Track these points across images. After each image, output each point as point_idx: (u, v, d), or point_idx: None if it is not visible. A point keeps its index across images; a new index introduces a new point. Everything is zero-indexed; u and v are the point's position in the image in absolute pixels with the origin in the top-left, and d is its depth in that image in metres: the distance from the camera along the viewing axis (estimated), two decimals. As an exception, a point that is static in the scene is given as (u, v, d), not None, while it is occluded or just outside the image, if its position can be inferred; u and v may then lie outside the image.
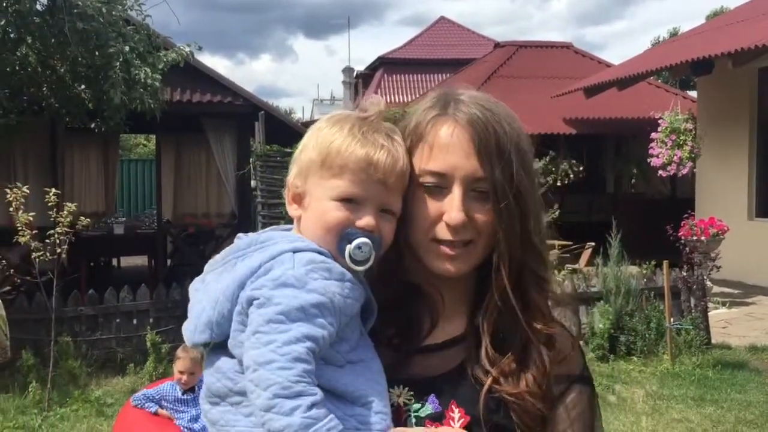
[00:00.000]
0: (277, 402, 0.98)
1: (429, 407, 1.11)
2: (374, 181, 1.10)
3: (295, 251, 1.08)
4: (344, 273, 1.08)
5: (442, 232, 1.11)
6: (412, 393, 1.13)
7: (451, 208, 1.10)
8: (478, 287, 1.18)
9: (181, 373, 4.42)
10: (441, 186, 1.12)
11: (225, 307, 1.07)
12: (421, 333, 1.18)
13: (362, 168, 1.10)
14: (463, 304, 1.20)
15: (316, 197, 1.13)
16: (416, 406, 1.12)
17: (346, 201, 1.11)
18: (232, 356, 1.08)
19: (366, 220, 1.10)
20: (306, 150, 1.16)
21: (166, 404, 4.46)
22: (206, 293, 1.12)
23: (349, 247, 1.09)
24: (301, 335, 1.01)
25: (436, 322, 1.18)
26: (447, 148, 1.12)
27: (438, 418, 1.10)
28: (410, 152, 1.15)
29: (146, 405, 4.46)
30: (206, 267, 1.19)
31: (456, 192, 1.11)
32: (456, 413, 1.10)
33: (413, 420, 1.11)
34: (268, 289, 1.04)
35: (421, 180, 1.13)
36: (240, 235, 1.19)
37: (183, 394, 4.46)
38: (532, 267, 1.14)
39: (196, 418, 4.36)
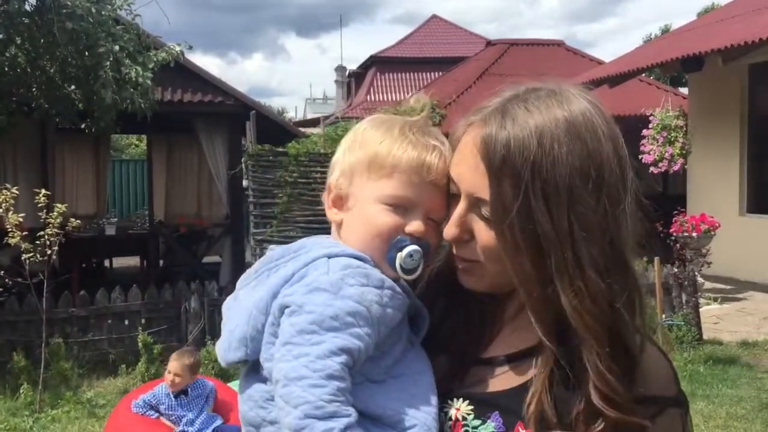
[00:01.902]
0: (308, 423, 0.91)
1: (491, 425, 1.01)
2: (426, 183, 1.05)
3: (330, 256, 1.03)
4: (384, 280, 1.02)
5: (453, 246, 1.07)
6: (472, 407, 1.03)
7: (450, 221, 1.04)
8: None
9: (170, 373, 4.44)
10: (456, 193, 1.05)
11: (259, 321, 1.01)
12: (482, 342, 1.08)
13: (415, 169, 1.04)
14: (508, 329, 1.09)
15: (362, 199, 1.07)
16: (476, 422, 1.02)
17: (396, 205, 1.05)
18: (263, 381, 1.02)
19: (416, 225, 1.04)
20: (351, 151, 1.10)
21: (163, 409, 4.46)
22: (239, 308, 1.06)
23: (399, 255, 1.03)
24: (336, 348, 0.94)
25: (498, 331, 1.08)
26: (461, 154, 1.03)
27: None
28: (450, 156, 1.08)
29: (147, 413, 4.47)
30: (238, 283, 1.13)
31: (460, 205, 1.02)
32: None
33: None
34: (300, 295, 0.98)
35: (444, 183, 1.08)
36: (272, 246, 1.13)
37: (176, 398, 4.46)
38: (583, 340, 0.95)
39: (192, 422, 4.36)
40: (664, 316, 7.04)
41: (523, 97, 1.01)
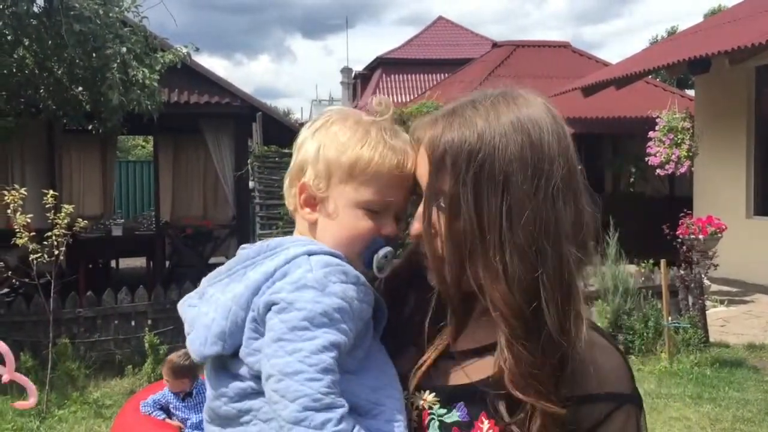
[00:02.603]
0: (308, 415, 0.95)
1: (455, 414, 1.05)
2: (400, 186, 1.10)
3: (310, 254, 1.05)
4: (359, 276, 1.07)
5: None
6: (438, 399, 1.08)
7: (415, 218, 1.08)
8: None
9: (165, 380, 4.46)
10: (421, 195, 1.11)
11: (239, 316, 1.04)
12: (450, 337, 1.10)
13: (394, 175, 1.09)
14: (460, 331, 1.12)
15: (342, 203, 1.10)
16: (441, 411, 1.07)
17: (375, 209, 1.10)
18: (236, 377, 1.05)
19: (391, 228, 1.11)
20: (325, 151, 1.11)
21: (172, 409, 4.47)
22: (214, 304, 1.07)
23: (376, 257, 1.09)
24: (328, 343, 0.98)
25: (463, 327, 1.10)
26: (419, 157, 1.09)
27: (466, 427, 1.04)
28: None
29: (155, 413, 4.47)
30: (204, 281, 1.15)
31: (422, 204, 1.06)
32: (486, 424, 1.03)
33: (437, 423, 1.06)
34: (288, 293, 1.01)
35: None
36: (243, 246, 1.15)
37: (183, 400, 4.48)
38: (499, 320, 1.00)
39: (196, 425, 4.36)
40: (670, 318, 7.03)
41: (474, 99, 1.07)
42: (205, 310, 1.09)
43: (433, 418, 1.07)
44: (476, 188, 0.98)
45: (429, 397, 1.08)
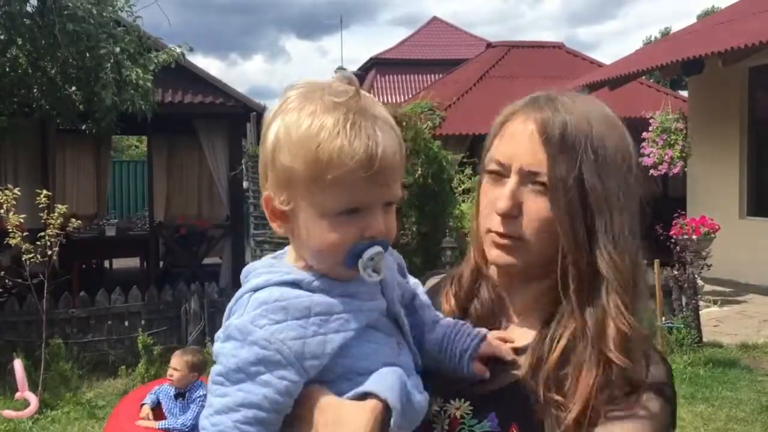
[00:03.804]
0: None
1: (487, 425, 1.05)
2: (378, 174, 0.92)
3: (255, 290, 0.96)
4: (311, 308, 0.93)
5: (495, 222, 1.08)
6: (472, 408, 1.07)
7: (501, 196, 1.06)
8: (556, 298, 1.06)
9: (174, 369, 4.45)
10: (502, 175, 1.08)
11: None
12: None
13: (363, 166, 0.90)
14: (536, 313, 1.11)
15: (309, 214, 0.94)
16: (473, 421, 1.06)
17: (348, 212, 0.93)
18: None
19: (375, 228, 0.94)
20: (279, 155, 0.93)
21: (163, 402, 4.48)
22: None
23: (361, 262, 0.94)
24: (234, 404, 0.90)
25: (500, 328, 1.13)
26: (512, 138, 1.09)
27: None
28: (490, 145, 1.13)
29: (148, 399, 4.51)
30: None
31: (511, 180, 1.07)
32: None
33: None
34: (219, 342, 0.95)
35: (488, 168, 1.11)
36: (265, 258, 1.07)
37: (175, 399, 4.47)
38: (610, 285, 1.02)
39: (184, 424, 4.35)
40: (664, 318, 7.04)
41: (560, 93, 1.12)
42: None
43: (463, 428, 1.07)
44: (599, 171, 1.04)
45: (462, 405, 1.08)
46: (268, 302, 0.93)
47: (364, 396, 0.93)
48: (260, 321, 0.92)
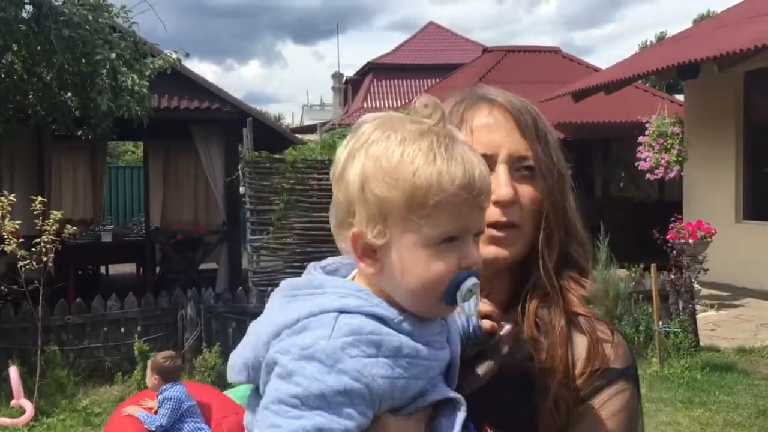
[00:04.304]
0: None
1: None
2: (475, 206, 0.90)
3: (341, 312, 0.88)
4: (401, 348, 0.88)
5: (493, 214, 1.05)
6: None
7: (498, 186, 1.06)
8: (518, 286, 1.12)
9: (153, 379, 4.51)
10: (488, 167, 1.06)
11: (261, 354, 0.91)
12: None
13: (464, 197, 0.88)
14: (504, 300, 1.13)
15: (407, 246, 0.89)
16: None
17: (447, 241, 0.89)
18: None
19: (473, 257, 0.91)
20: (373, 186, 0.88)
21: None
22: (256, 328, 0.95)
23: (459, 294, 0.90)
24: (312, 427, 0.83)
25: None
26: (488, 127, 1.10)
27: None
28: None
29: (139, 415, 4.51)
30: (283, 288, 1.00)
31: (501, 170, 1.08)
32: None
33: None
34: (292, 359, 0.86)
35: None
36: (315, 265, 0.99)
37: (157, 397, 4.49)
38: (574, 255, 1.13)
39: (152, 423, 4.37)
40: (660, 323, 7.04)
41: (499, 90, 1.17)
42: (255, 329, 0.95)
43: None
44: (561, 153, 1.13)
45: None
46: (362, 333, 0.87)
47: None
48: (352, 350, 0.86)
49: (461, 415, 0.94)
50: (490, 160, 1.06)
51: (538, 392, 1.04)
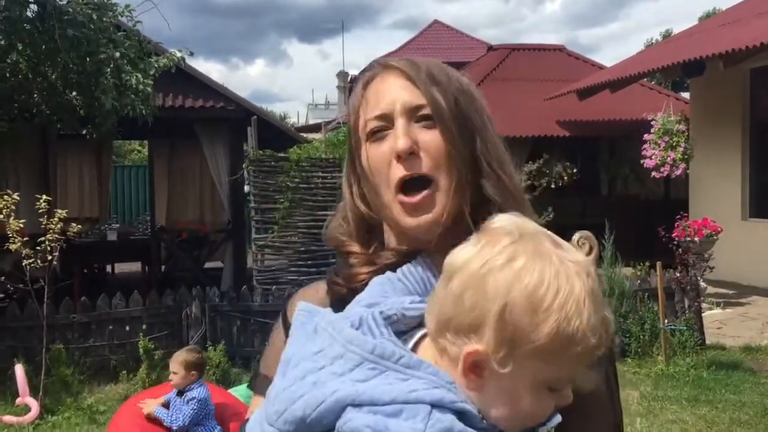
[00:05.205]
0: None
1: None
2: (591, 361, 0.89)
3: (434, 406, 0.84)
4: None
5: (397, 171, 1.02)
6: None
7: (396, 139, 1.02)
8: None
9: (173, 372, 4.45)
10: (386, 129, 1.05)
11: (326, 417, 0.86)
12: None
13: (597, 350, 0.87)
14: None
15: (519, 378, 0.86)
16: None
17: (558, 386, 0.89)
18: None
19: (567, 399, 0.90)
20: (514, 315, 0.84)
21: (171, 403, 4.47)
22: (313, 378, 0.89)
23: (542, 429, 0.91)
24: None
25: None
26: (382, 91, 1.07)
27: None
28: (357, 118, 1.09)
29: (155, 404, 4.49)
30: (324, 317, 0.96)
31: (399, 123, 1.03)
32: None
33: None
34: None
35: (368, 129, 1.06)
36: (374, 315, 0.93)
37: (178, 396, 4.46)
38: (489, 194, 1.04)
39: (173, 422, 4.34)
40: (666, 321, 7.02)
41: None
42: (298, 373, 0.91)
43: None
44: (467, 98, 1.07)
45: None
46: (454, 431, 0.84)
47: None
48: None
49: None
50: (388, 119, 1.04)
51: None
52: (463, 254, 0.89)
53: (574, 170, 13.62)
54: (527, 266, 0.85)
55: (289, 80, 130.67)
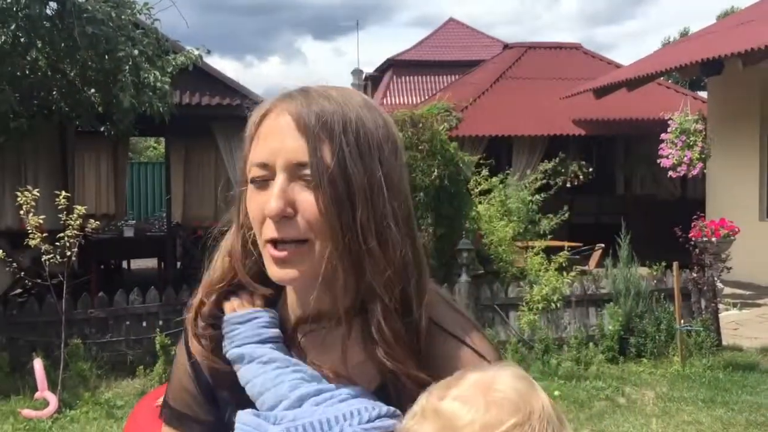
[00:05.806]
0: None
1: None
2: None
3: None
4: None
5: (268, 231, 0.98)
6: None
7: (269, 198, 0.96)
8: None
9: None
10: (267, 179, 0.98)
11: None
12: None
13: None
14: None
15: None
16: None
17: None
18: None
19: None
20: None
21: None
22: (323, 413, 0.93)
23: None
24: None
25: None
26: (268, 136, 0.99)
27: None
28: (247, 153, 1.03)
29: None
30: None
31: (278, 179, 0.97)
32: None
33: None
34: None
35: (250, 176, 1.01)
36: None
37: None
38: (372, 281, 0.97)
39: None
40: (682, 321, 6.99)
41: (313, 85, 1.04)
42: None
43: None
44: (360, 156, 0.97)
45: None
46: None
47: None
48: None
49: None
50: (270, 171, 0.98)
51: None
52: (465, 413, 0.85)
53: (590, 169, 13.57)
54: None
55: (303, 78, 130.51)
